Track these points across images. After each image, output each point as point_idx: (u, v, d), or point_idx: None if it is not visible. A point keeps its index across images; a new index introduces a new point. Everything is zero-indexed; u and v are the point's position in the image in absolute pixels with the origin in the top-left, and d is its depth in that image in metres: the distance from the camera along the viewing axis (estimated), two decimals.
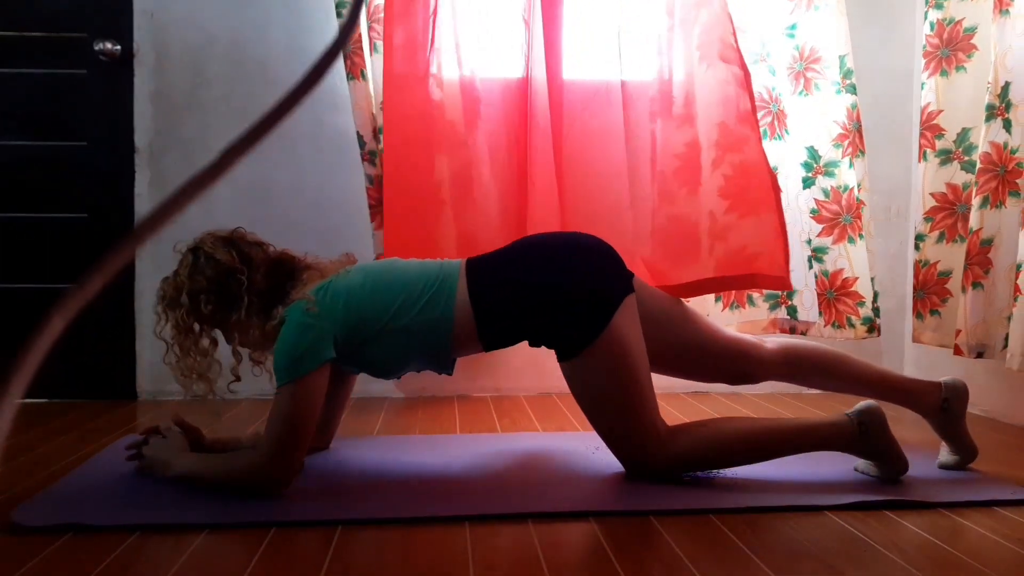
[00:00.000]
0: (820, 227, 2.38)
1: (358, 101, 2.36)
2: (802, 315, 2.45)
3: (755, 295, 2.45)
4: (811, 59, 2.42)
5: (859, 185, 2.39)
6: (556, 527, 1.34)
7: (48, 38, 2.50)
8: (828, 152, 2.38)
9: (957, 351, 2.10)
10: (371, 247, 2.38)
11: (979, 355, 2.09)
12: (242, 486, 1.45)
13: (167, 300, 1.53)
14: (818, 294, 2.41)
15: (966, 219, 2.19)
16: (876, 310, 2.37)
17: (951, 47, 2.23)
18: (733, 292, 2.44)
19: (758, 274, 1.99)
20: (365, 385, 2.54)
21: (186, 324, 1.51)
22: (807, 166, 2.41)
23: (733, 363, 1.68)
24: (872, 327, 2.36)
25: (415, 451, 1.83)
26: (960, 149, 2.21)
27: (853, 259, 2.36)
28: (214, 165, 0.42)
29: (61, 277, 2.47)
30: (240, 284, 1.52)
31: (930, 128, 2.26)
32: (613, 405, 1.54)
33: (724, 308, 2.48)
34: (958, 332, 2.10)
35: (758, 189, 2.11)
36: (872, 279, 2.37)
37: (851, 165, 2.36)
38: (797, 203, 2.43)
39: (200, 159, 2.51)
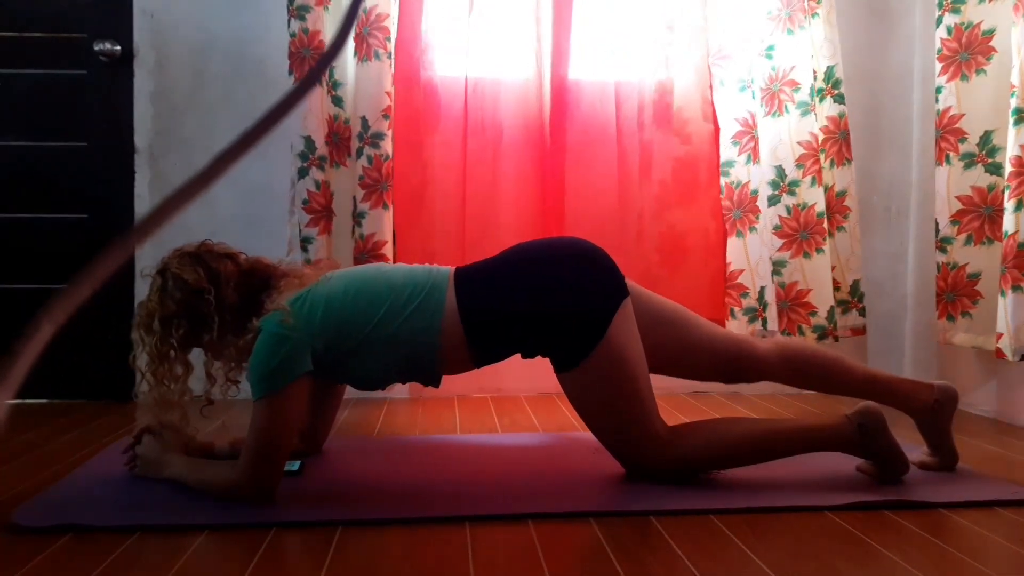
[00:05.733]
0: (781, 242, 2.52)
1: (312, 106, 2.37)
2: (771, 325, 2.57)
3: (735, 308, 2.60)
4: (784, 80, 2.50)
5: (842, 193, 2.52)
6: (556, 527, 1.34)
7: (48, 38, 2.50)
8: (792, 172, 2.50)
9: (999, 354, 2.09)
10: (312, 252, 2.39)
11: (1022, 358, 2.08)
12: (225, 497, 1.43)
13: (143, 327, 1.49)
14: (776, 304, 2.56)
15: (993, 221, 2.19)
16: (860, 311, 2.52)
17: (970, 51, 2.23)
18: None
19: None
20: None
21: (161, 351, 1.47)
22: (774, 184, 2.52)
23: (728, 362, 1.66)
24: (825, 334, 2.48)
25: (415, 451, 1.83)
26: (983, 152, 2.21)
27: (807, 272, 2.50)
28: (205, 172, 0.42)
29: (61, 278, 2.47)
30: (208, 304, 1.47)
31: (952, 132, 2.26)
32: (612, 412, 1.52)
33: None
34: (999, 336, 2.08)
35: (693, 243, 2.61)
36: (855, 283, 2.51)
37: (813, 183, 2.48)
38: (761, 221, 2.57)
39: (200, 159, 2.51)
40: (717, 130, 2.61)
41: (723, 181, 2.59)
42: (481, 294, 1.50)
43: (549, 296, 1.49)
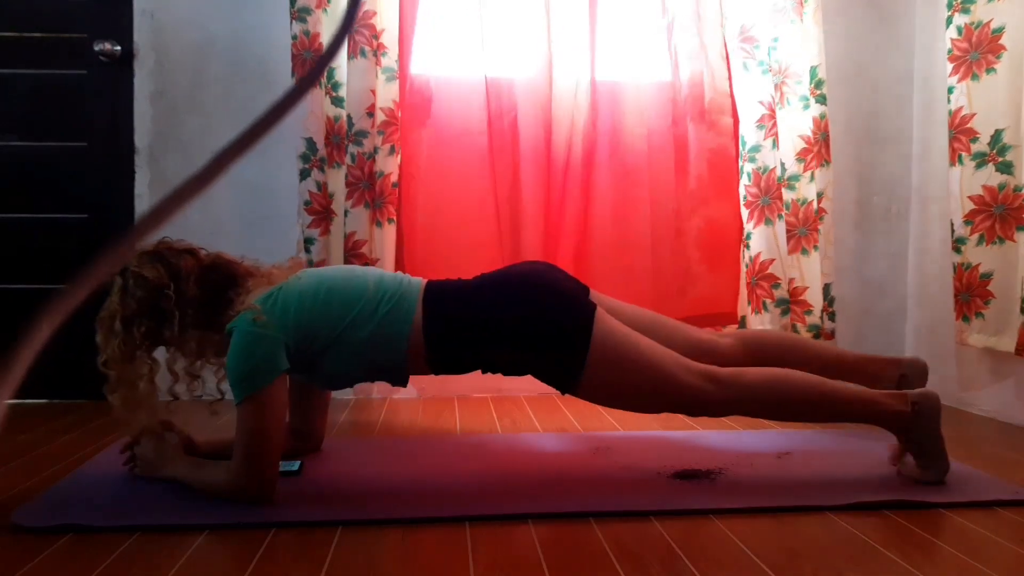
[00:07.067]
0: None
1: (313, 108, 2.37)
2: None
3: (767, 300, 2.55)
4: (785, 73, 2.49)
5: (820, 195, 2.50)
6: (556, 527, 1.34)
7: (48, 39, 2.50)
8: (792, 166, 2.49)
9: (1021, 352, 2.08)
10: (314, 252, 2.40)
11: None
12: (225, 498, 1.43)
13: (104, 329, 1.48)
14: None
15: (1004, 220, 2.19)
16: (829, 315, 2.51)
17: (980, 50, 2.22)
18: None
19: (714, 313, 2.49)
20: (366, 385, 2.54)
21: (125, 352, 1.47)
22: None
23: (699, 361, 1.65)
24: (819, 334, 2.47)
25: (415, 451, 1.83)
26: (994, 151, 2.21)
27: (805, 270, 2.49)
28: (204, 171, 0.42)
29: (61, 278, 2.47)
30: (168, 299, 1.47)
31: (964, 132, 2.26)
32: (637, 395, 1.53)
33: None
34: None
35: (729, 238, 2.54)
36: (827, 287, 2.50)
37: (812, 179, 2.47)
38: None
39: (200, 159, 2.50)
40: (736, 120, 2.56)
41: (750, 167, 2.53)
42: (448, 318, 1.50)
43: (522, 335, 1.49)
